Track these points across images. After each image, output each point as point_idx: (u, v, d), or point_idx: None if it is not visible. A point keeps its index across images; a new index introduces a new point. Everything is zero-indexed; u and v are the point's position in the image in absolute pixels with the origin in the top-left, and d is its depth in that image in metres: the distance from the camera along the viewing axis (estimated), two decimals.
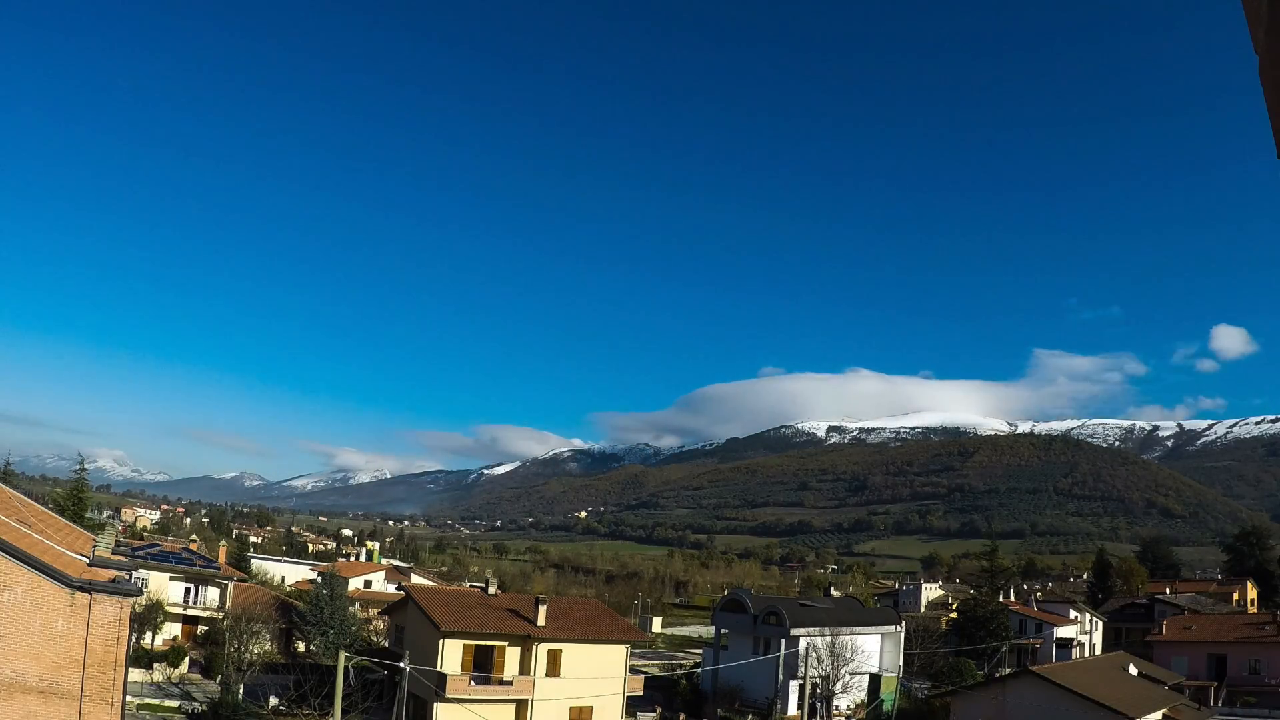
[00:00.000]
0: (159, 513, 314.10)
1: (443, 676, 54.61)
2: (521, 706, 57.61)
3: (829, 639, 72.92)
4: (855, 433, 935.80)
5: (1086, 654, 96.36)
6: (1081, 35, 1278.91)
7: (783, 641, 74.76)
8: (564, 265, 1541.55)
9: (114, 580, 25.42)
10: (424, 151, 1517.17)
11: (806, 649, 67.06)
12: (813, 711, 67.45)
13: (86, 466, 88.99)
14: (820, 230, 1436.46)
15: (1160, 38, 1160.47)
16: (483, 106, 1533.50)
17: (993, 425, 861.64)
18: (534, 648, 58.27)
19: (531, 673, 57.93)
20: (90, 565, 26.53)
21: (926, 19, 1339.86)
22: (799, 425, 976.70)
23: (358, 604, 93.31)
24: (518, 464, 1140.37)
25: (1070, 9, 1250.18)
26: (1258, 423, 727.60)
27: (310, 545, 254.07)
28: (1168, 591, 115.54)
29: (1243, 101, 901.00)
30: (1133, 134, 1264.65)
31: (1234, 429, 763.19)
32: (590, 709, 59.04)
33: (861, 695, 76.42)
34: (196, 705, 58.68)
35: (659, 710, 71.42)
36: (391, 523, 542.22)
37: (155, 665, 70.51)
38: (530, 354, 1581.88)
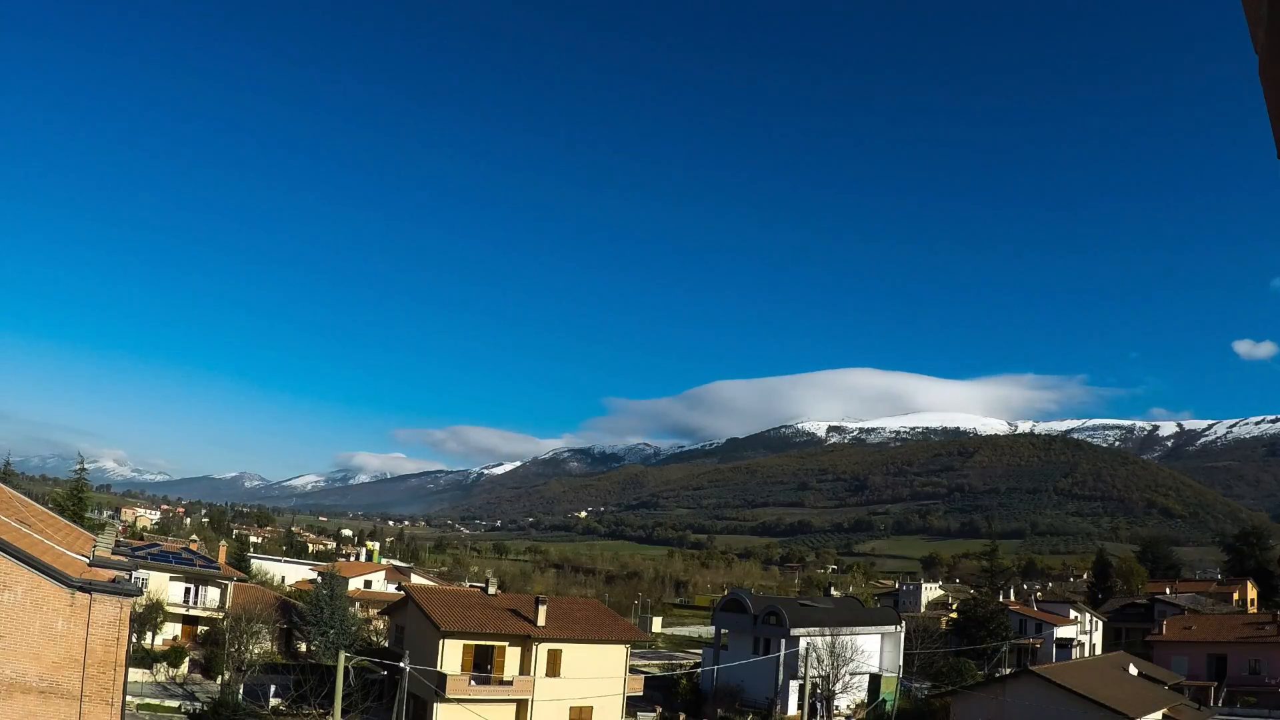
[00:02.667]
0: (159, 513, 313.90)
1: (443, 676, 54.63)
2: (521, 706, 57.62)
3: (829, 639, 72.91)
4: (855, 433, 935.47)
5: (1086, 654, 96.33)
6: (1076, 40, 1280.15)
7: (783, 641, 74.76)
8: (561, 268, 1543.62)
9: (114, 580, 25.43)
10: (431, 157, 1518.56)
11: (806, 649, 67.02)
12: (813, 711, 67.44)
13: (86, 466, 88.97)
14: (822, 232, 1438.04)
15: (1158, 41, 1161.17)
16: (486, 112, 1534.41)
17: (993, 425, 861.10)
18: (534, 648, 58.27)
19: (531, 673, 57.93)
20: (90, 565, 26.52)
21: (926, 37, 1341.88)
22: (799, 425, 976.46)
23: (358, 604, 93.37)
24: (518, 464, 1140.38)
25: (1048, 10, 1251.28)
26: (1258, 423, 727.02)
27: (310, 545, 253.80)
28: (1168, 591, 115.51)
29: (1241, 108, 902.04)
30: (1129, 146, 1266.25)
31: (1234, 429, 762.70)
32: (590, 709, 59.03)
33: (861, 695, 76.42)
34: (199, 705, 58.65)
35: (659, 710, 71.45)
36: (391, 523, 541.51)
37: (156, 665, 70.51)
38: (531, 354, 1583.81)
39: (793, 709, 71.25)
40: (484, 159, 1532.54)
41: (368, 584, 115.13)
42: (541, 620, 59.58)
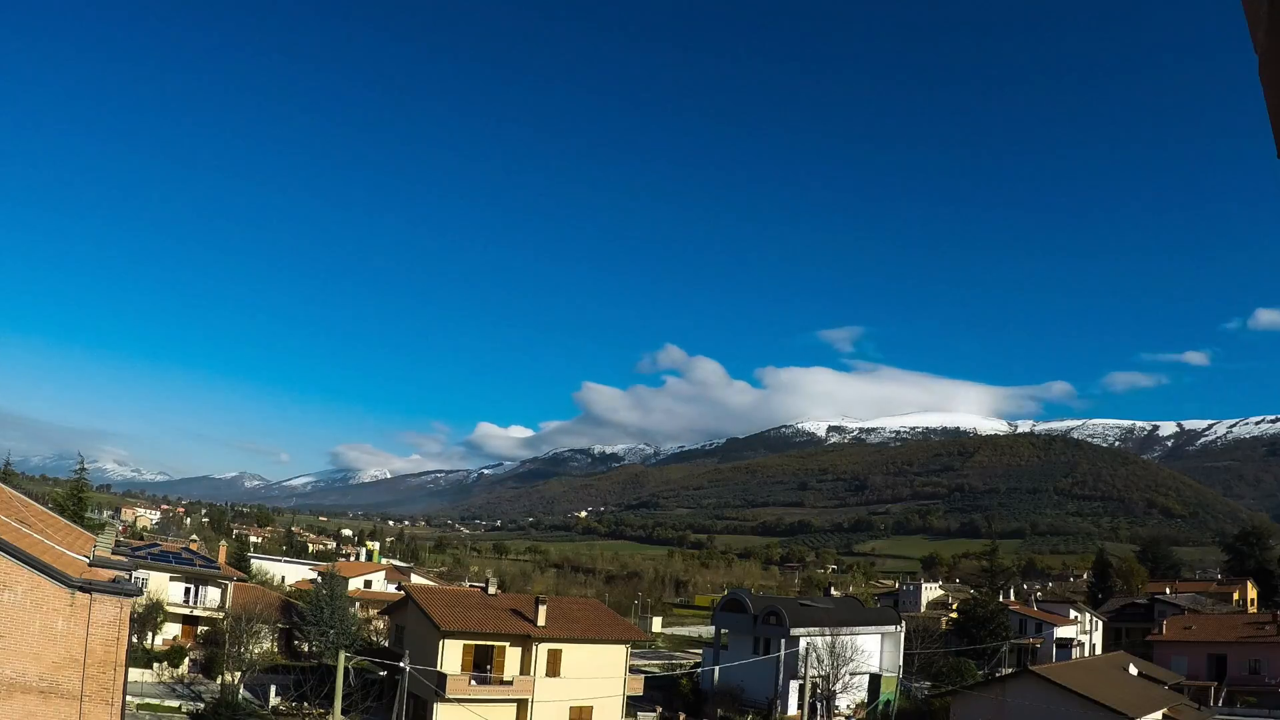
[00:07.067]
0: (159, 513, 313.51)
1: (443, 676, 54.61)
2: (522, 706, 57.61)
3: (829, 639, 72.90)
4: (855, 433, 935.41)
5: (1087, 654, 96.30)
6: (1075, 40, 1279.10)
7: (783, 641, 74.75)
8: (561, 267, 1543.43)
9: (114, 580, 25.42)
10: (426, 157, 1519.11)
11: (807, 649, 67.05)
12: (813, 711, 67.41)
13: (86, 466, 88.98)
14: (822, 231, 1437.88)
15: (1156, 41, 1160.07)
16: (485, 112, 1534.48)
17: (993, 425, 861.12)
18: (534, 648, 58.27)
19: (532, 673, 57.92)
20: (90, 565, 26.52)
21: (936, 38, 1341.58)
22: (799, 425, 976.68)
23: (358, 604, 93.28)
24: (518, 464, 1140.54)
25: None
26: (1258, 423, 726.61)
27: (310, 545, 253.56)
28: (1168, 591, 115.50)
29: (1240, 105, 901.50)
30: (1132, 146, 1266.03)
31: (1234, 429, 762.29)
32: (590, 709, 59.04)
33: (861, 695, 76.41)
34: (201, 705, 58.68)
35: (659, 710, 71.47)
36: (391, 522, 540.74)
37: (156, 665, 70.47)
38: (531, 353, 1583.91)
39: (793, 709, 71.23)
40: (480, 159, 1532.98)
41: (368, 584, 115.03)
42: (541, 620, 59.57)
